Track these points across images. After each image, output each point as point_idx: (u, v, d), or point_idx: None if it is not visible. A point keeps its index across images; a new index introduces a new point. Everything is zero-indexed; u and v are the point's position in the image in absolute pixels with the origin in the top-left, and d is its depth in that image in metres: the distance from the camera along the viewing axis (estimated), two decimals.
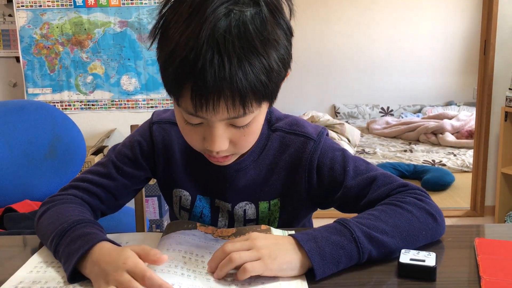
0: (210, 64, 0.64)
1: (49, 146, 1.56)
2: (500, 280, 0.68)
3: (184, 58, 0.65)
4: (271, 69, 0.68)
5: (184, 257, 0.75)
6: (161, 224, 2.68)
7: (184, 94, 0.68)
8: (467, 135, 4.63)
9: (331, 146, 0.90)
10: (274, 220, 0.94)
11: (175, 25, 0.68)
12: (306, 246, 0.70)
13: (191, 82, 0.66)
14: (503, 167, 2.89)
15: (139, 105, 3.01)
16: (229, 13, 0.65)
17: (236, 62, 0.65)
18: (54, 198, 0.89)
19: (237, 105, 0.68)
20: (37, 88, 2.98)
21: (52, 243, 0.77)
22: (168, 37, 0.69)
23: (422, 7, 5.58)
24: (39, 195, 1.55)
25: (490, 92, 2.98)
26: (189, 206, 0.95)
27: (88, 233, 0.75)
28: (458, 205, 3.27)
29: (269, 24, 0.67)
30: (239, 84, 0.65)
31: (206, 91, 0.66)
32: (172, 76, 0.68)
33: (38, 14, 2.90)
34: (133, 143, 0.94)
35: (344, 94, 5.77)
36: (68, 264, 0.71)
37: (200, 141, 0.76)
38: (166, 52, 0.68)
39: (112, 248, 0.71)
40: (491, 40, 2.91)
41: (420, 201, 0.81)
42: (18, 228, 1.30)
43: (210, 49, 0.64)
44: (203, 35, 0.64)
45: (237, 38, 0.64)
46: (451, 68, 5.74)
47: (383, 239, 0.74)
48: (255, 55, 0.66)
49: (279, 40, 0.69)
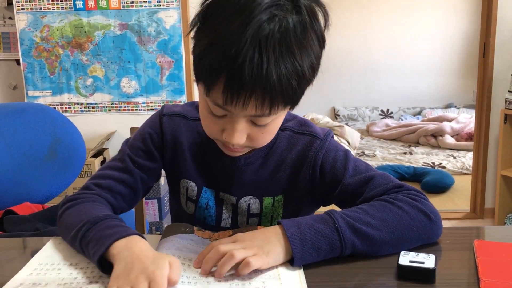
0: (249, 61, 0.67)
1: (49, 149, 1.56)
2: (499, 282, 0.68)
3: (224, 51, 0.68)
4: (302, 75, 0.72)
5: (183, 264, 0.75)
6: (160, 227, 2.68)
7: (216, 85, 0.71)
8: (467, 138, 4.63)
9: (335, 146, 0.94)
10: (277, 217, 0.96)
11: (219, 18, 0.70)
12: (288, 231, 0.74)
13: (226, 75, 0.69)
14: (502, 169, 2.90)
15: (139, 107, 3.01)
16: (273, 18, 0.68)
17: (273, 64, 0.68)
18: (80, 195, 0.88)
19: (265, 104, 0.71)
20: (37, 91, 2.99)
21: (81, 229, 0.76)
22: (210, 28, 0.71)
23: (422, 9, 5.59)
24: (39, 198, 1.55)
25: (489, 95, 2.98)
26: (195, 197, 0.97)
27: (124, 225, 0.77)
28: (458, 207, 3.27)
29: (308, 33, 0.71)
30: (272, 84, 0.69)
31: (240, 86, 0.69)
32: (209, 66, 0.70)
33: (38, 17, 2.91)
34: (144, 135, 0.96)
35: (343, 97, 5.78)
36: (100, 245, 0.72)
37: (219, 132, 0.79)
38: (206, 42, 0.71)
39: (151, 250, 0.72)
40: (490, 42, 2.91)
41: (414, 200, 0.82)
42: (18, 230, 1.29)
43: (252, 48, 0.67)
44: (248, 34, 0.67)
45: (278, 42, 0.68)
46: (450, 70, 5.75)
47: (367, 231, 0.76)
48: (291, 60, 0.69)
49: (313, 48, 0.73)
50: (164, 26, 2.91)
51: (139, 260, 0.68)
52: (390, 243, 0.77)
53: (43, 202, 1.56)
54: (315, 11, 0.73)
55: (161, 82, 2.97)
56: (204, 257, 0.73)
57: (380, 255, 0.77)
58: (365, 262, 0.76)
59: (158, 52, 2.93)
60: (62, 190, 1.61)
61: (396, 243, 0.77)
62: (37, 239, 0.97)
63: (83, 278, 0.73)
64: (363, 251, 0.76)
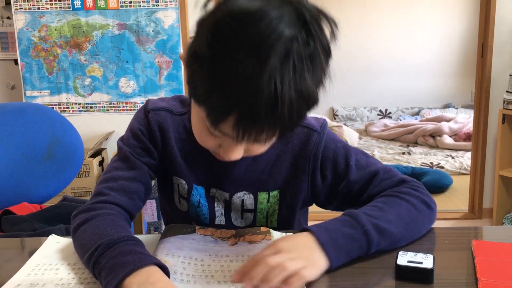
0: (266, 100, 0.63)
1: (47, 149, 1.56)
2: (498, 282, 0.68)
3: (240, 90, 0.64)
4: (313, 102, 0.70)
5: (183, 263, 0.75)
6: (159, 227, 2.68)
7: (227, 120, 0.67)
8: (465, 138, 4.64)
9: (333, 138, 0.93)
10: (273, 213, 0.95)
11: (228, 53, 0.64)
12: (322, 239, 0.73)
13: (239, 112, 0.66)
14: (501, 169, 2.90)
15: (137, 107, 3.00)
16: (289, 53, 0.64)
17: (288, 101, 0.64)
18: (95, 206, 0.83)
19: (275, 135, 0.70)
20: (35, 91, 2.98)
21: (94, 254, 0.72)
22: (218, 63, 0.65)
23: (420, 9, 5.59)
24: (37, 198, 1.55)
25: (488, 95, 2.99)
26: (186, 194, 0.95)
27: (139, 251, 0.71)
28: (456, 208, 3.28)
29: (321, 63, 0.69)
30: (285, 120, 0.66)
31: (253, 123, 0.66)
32: (220, 103, 0.66)
33: (37, 16, 2.90)
34: (135, 132, 0.92)
35: (342, 97, 5.78)
36: (113, 276, 0.67)
37: (215, 146, 0.77)
38: (214, 77, 0.66)
39: (170, 283, 0.67)
40: (488, 42, 2.92)
41: (416, 191, 0.86)
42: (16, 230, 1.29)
43: (268, 87, 0.63)
44: (265, 73, 0.62)
45: (293, 79, 0.64)
46: (449, 70, 5.76)
47: (389, 228, 0.78)
48: (306, 92, 0.67)
49: (324, 72, 0.71)
50: (163, 26, 2.90)
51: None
52: (406, 237, 0.80)
53: (41, 202, 1.55)
54: (323, 31, 0.70)
55: (159, 82, 2.97)
56: (247, 270, 0.69)
57: (392, 248, 0.79)
58: (363, 262, 0.76)
59: (156, 52, 2.93)
60: (60, 190, 1.61)
61: (408, 236, 0.81)
62: (35, 239, 0.96)
63: (81, 278, 0.73)
64: (384, 248, 0.78)
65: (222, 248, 0.81)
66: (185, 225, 0.90)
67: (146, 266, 0.67)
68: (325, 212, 0.99)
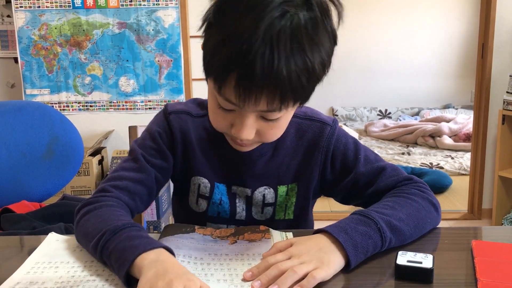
0: (261, 57, 0.67)
1: (47, 147, 1.56)
2: (497, 282, 0.68)
3: (236, 48, 0.68)
4: (313, 72, 0.72)
5: (182, 261, 0.75)
6: (158, 226, 2.68)
7: (228, 82, 0.71)
8: (465, 138, 4.64)
9: (344, 133, 0.96)
10: (290, 205, 0.97)
11: (231, 15, 0.70)
12: (340, 238, 0.74)
13: (238, 72, 0.69)
14: (500, 170, 2.90)
15: (137, 106, 3.00)
16: (285, 14, 0.68)
17: (284, 60, 0.68)
18: (98, 198, 0.85)
19: (276, 100, 0.71)
20: (35, 89, 2.98)
21: (101, 240, 0.73)
22: (222, 25, 0.71)
23: (421, 10, 5.59)
24: (36, 196, 1.55)
25: (487, 95, 2.99)
26: (208, 193, 0.96)
27: (146, 236, 0.74)
28: (456, 208, 3.28)
29: (319, 29, 0.71)
30: (282, 81, 0.69)
31: (251, 83, 0.69)
32: (220, 63, 0.70)
33: (37, 15, 2.90)
34: (153, 133, 0.94)
35: (342, 97, 5.78)
36: (124, 259, 0.69)
37: (227, 126, 0.79)
38: (217, 39, 0.71)
39: (178, 263, 0.70)
40: (488, 43, 2.92)
41: (423, 192, 0.88)
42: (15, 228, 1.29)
43: (264, 44, 0.67)
44: (259, 30, 0.67)
45: (289, 38, 0.68)
46: (449, 71, 5.76)
47: (401, 226, 0.79)
48: (302, 56, 0.69)
49: (325, 44, 0.73)
50: (163, 25, 2.90)
51: (172, 269, 0.66)
52: (413, 235, 0.82)
53: (41, 200, 1.55)
54: (327, 8, 0.73)
55: (159, 81, 2.97)
56: (259, 272, 0.70)
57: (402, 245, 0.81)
58: (363, 261, 0.76)
59: (156, 51, 2.93)
60: (59, 189, 1.61)
61: (415, 235, 0.82)
62: (34, 238, 0.96)
63: (80, 276, 0.73)
64: (394, 245, 0.79)
65: (222, 247, 0.81)
66: (184, 225, 0.90)
67: (154, 249, 0.70)
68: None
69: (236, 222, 0.97)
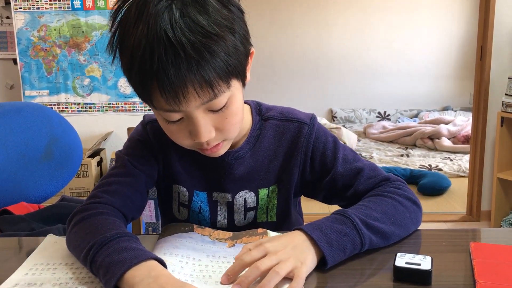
0: (166, 57, 0.67)
1: (45, 148, 1.56)
2: (495, 284, 0.68)
3: (141, 59, 0.68)
4: (229, 50, 0.71)
5: (181, 261, 0.75)
6: (157, 227, 2.67)
7: (153, 93, 0.71)
8: (464, 140, 4.64)
9: (323, 131, 0.96)
10: (272, 207, 0.97)
11: (127, 32, 0.71)
12: (314, 235, 0.74)
13: (155, 80, 0.69)
14: (499, 172, 2.90)
15: (136, 108, 3.00)
16: (170, 6, 0.68)
17: (191, 50, 0.67)
18: (88, 206, 0.84)
19: (204, 88, 0.70)
20: (34, 90, 2.98)
21: (89, 253, 0.72)
22: (124, 45, 0.72)
23: (419, 12, 5.60)
24: (35, 197, 1.55)
25: (486, 98, 2.99)
26: (187, 201, 0.96)
27: (135, 248, 0.71)
28: (454, 210, 3.28)
29: (214, 9, 0.70)
30: (199, 69, 0.68)
31: (171, 84, 0.69)
32: (137, 80, 0.71)
33: (36, 16, 2.90)
34: (135, 142, 0.95)
35: (341, 98, 5.78)
36: (112, 274, 0.67)
37: (187, 137, 0.78)
38: (126, 59, 0.72)
39: (172, 276, 0.68)
40: (487, 45, 2.92)
41: (399, 189, 0.88)
42: (14, 230, 1.29)
43: (162, 44, 0.67)
44: (151, 33, 0.67)
45: (187, 28, 0.67)
46: (447, 73, 5.76)
47: (377, 225, 0.79)
48: (209, 39, 0.68)
49: (231, 20, 0.72)
50: None
51: (167, 284, 0.64)
52: (396, 232, 0.82)
53: (39, 202, 1.55)
54: None
55: None
56: (234, 272, 0.69)
57: (389, 244, 0.81)
58: (361, 263, 0.76)
59: None
60: (58, 190, 1.60)
61: (399, 231, 0.82)
62: (33, 239, 0.96)
63: (78, 278, 0.73)
64: (377, 244, 0.79)
65: (220, 249, 0.81)
66: (183, 224, 0.90)
67: (142, 262, 0.68)
68: (321, 214, 1.00)
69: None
